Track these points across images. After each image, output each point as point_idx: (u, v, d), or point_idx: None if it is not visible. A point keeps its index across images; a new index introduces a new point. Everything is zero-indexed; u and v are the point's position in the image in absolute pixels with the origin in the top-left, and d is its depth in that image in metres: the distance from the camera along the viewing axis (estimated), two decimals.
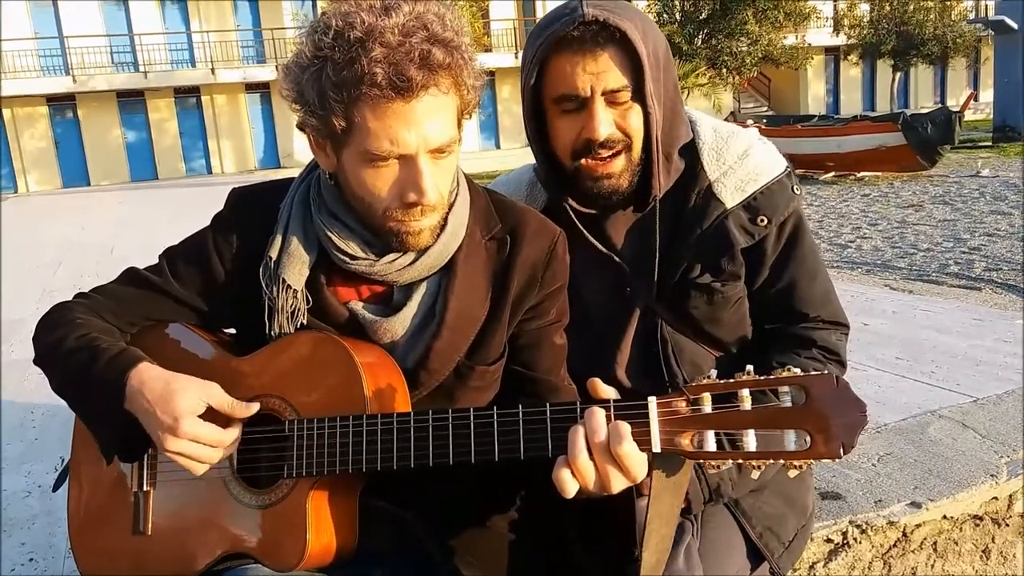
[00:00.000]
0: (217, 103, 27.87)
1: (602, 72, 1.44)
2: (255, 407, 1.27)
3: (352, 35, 1.14)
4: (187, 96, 27.65)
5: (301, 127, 1.26)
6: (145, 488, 1.34)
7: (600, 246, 1.59)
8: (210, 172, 27.74)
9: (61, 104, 26.28)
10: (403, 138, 1.18)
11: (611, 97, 1.46)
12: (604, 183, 1.51)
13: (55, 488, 1.49)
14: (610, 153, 1.49)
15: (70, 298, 1.41)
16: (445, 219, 1.31)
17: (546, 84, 1.49)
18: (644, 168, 1.53)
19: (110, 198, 19.53)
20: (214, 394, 1.24)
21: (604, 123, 1.46)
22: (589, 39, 1.43)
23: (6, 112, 25.69)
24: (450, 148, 1.24)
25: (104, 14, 26.37)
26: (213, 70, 26.92)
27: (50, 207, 18.27)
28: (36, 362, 1.36)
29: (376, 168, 1.22)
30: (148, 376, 1.24)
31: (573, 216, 1.56)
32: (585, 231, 1.57)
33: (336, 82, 1.16)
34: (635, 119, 1.49)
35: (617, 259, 1.59)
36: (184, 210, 13.76)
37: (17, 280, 8.10)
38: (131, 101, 26.92)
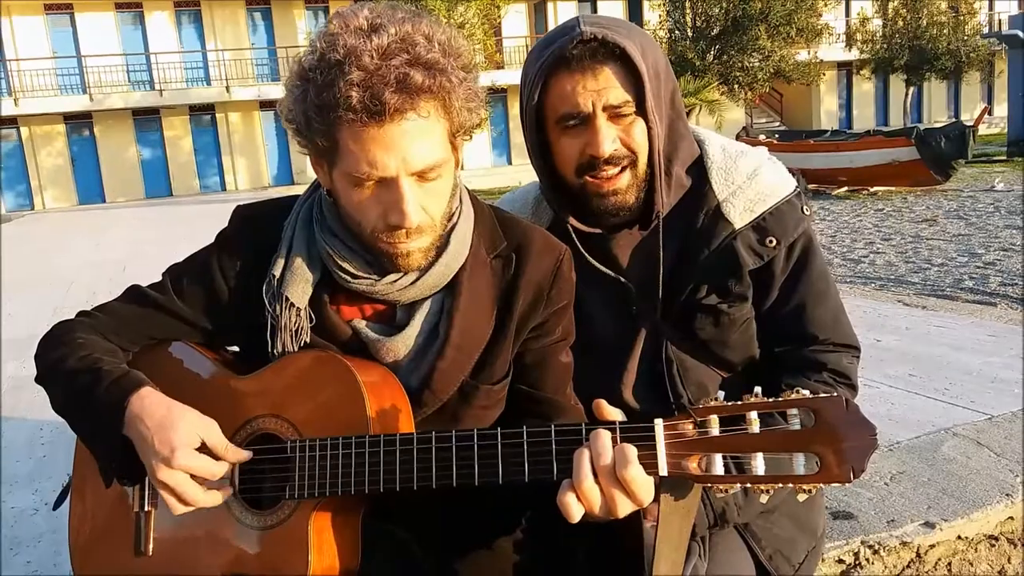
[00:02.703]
0: (231, 121, 28.11)
1: (603, 88, 1.43)
2: (248, 454, 1.26)
3: (333, 57, 1.14)
4: (202, 114, 27.91)
5: (300, 145, 1.26)
6: (147, 508, 1.33)
7: (603, 268, 1.57)
8: (224, 189, 27.94)
9: (78, 122, 26.57)
10: (382, 161, 1.17)
11: (613, 113, 1.45)
12: (610, 199, 1.50)
13: (55, 507, 1.48)
14: (616, 169, 1.48)
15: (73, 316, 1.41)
16: (447, 238, 1.30)
17: (548, 104, 1.48)
18: (649, 185, 1.52)
19: (125, 215, 19.68)
20: (211, 432, 1.23)
21: (607, 139, 1.46)
22: (588, 57, 1.42)
23: (24, 130, 25.99)
24: (437, 171, 1.22)
25: (121, 33, 26.71)
26: (228, 88, 27.16)
27: (65, 224, 18.42)
28: (38, 380, 1.36)
29: (360, 190, 1.21)
30: (149, 402, 1.23)
31: (575, 238, 1.54)
32: (587, 254, 1.56)
33: (317, 104, 1.16)
34: (639, 134, 1.48)
35: (623, 279, 1.58)
36: (198, 227, 13.83)
37: (31, 297, 8.15)
38: (146, 119, 27.20)
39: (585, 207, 1.54)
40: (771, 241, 1.54)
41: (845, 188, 16.42)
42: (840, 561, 2.20)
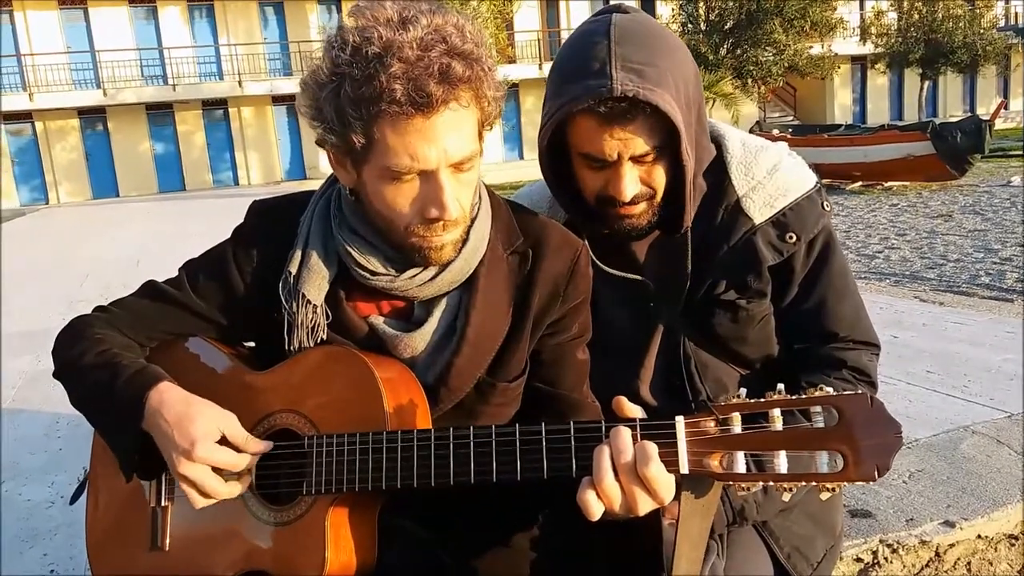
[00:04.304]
0: (244, 115, 28.18)
1: (630, 139, 1.38)
2: (268, 444, 1.25)
3: (370, 51, 1.12)
4: (214, 108, 27.99)
5: (320, 143, 1.25)
6: (163, 503, 1.33)
7: (617, 272, 1.55)
8: (237, 184, 28.02)
9: (92, 117, 26.70)
10: (424, 154, 1.16)
11: (638, 159, 1.41)
12: (625, 222, 1.49)
13: (72, 501, 1.48)
14: (634, 205, 1.46)
15: (90, 311, 1.41)
16: (467, 233, 1.29)
17: (570, 133, 1.44)
18: (669, 199, 1.49)
19: (138, 209, 19.77)
20: (230, 424, 1.23)
21: (630, 185, 1.43)
22: (619, 115, 1.35)
23: (38, 125, 26.15)
24: (471, 162, 1.22)
25: (134, 28, 26.81)
26: (240, 83, 27.23)
27: (79, 218, 18.51)
28: (56, 375, 1.36)
29: (397, 184, 1.20)
30: (168, 397, 1.23)
31: (590, 248, 1.49)
32: (603, 257, 1.53)
33: (355, 99, 1.14)
34: (659, 174, 1.45)
35: (641, 277, 1.56)
36: (211, 221, 13.87)
37: (45, 291, 8.20)
38: (160, 114, 27.31)
39: (600, 220, 1.52)
40: (791, 237, 1.52)
41: (859, 183, 16.32)
42: (858, 560, 2.18)
